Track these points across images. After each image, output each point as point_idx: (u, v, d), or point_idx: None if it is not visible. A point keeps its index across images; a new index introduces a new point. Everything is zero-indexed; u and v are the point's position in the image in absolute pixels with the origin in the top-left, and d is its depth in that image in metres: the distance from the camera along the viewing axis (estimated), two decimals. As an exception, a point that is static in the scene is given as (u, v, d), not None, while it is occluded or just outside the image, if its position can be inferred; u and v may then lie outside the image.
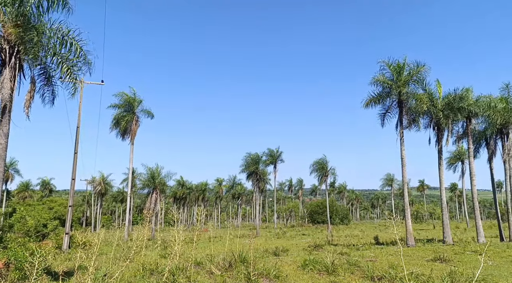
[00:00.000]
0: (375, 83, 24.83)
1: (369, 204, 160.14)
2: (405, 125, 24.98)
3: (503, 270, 11.76)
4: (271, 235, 41.67)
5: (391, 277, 9.70)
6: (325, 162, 59.68)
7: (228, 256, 11.74)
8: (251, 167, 47.79)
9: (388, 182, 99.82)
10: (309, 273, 10.94)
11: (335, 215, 74.62)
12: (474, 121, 27.66)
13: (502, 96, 28.20)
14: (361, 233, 42.71)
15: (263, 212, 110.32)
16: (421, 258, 15.02)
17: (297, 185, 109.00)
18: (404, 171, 24.76)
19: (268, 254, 16.83)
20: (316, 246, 22.18)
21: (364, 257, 15.31)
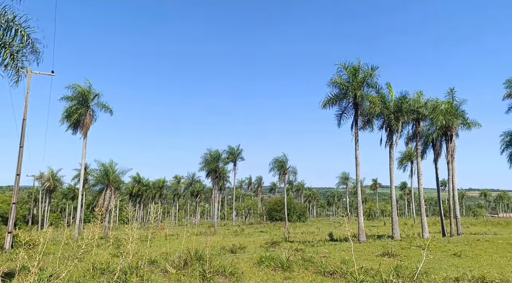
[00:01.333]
0: (333, 85, 25.58)
1: (325, 201, 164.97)
2: (360, 126, 25.99)
3: (443, 263, 12.63)
4: (229, 233, 41.64)
5: (343, 272, 10.05)
6: (285, 160, 60.68)
7: (184, 254, 11.57)
8: (210, 164, 47.34)
9: (343, 180, 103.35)
10: (265, 269, 11.05)
11: (292, 212, 76.04)
12: (423, 123, 29.43)
13: (447, 101, 30.26)
14: (317, 230, 43.89)
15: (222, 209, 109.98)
16: (371, 253, 15.72)
17: (256, 182, 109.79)
18: (358, 170, 25.78)
19: (225, 252, 16.81)
20: (273, 243, 22.48)
21: (318, 253, 15.74)
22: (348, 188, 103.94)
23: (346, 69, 25.20)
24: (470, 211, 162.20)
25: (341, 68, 25.31)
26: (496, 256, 14.72)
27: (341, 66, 25.30)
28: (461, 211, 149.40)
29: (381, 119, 28.00)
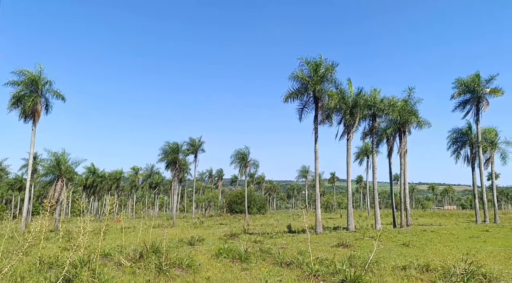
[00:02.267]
0: (294, 79, 25.83)
1: (285, 194, 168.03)
2: (319, 120, 26.56)
3: (392, 253, 13.31)
4: (188, 225, 41.19)
5: (299, 262, 10.27)
6: (247, 153, 60.80)
7: (139, 247, 11.27)
8: (170, 156, 46.35)
9: (303, 173, 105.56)
10: (223, 261, 11.05)
11: (253, 205, 76.59)
12: (379, 119, 30.66)
13: (403, 99, 31.72)
14: (276, 222, 44.57)
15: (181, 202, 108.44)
16: (327, 244, 16.24)
17: (217, 175, 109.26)
18: (316, 164, 26.39)
19: (183, 244, 16.59)
20: (232, 235, 22.53)
21: (276, 244, 16.00)
22: (307, 181, 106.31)
23: (308, 64, 25.52)
24: (419, 204, 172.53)
25: (303, 62, 25.61)
26: (440, 245, 15.75)
27: (303, 60, 25.58)
28: (411, 203, 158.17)
29: (340, 114, 28.79)
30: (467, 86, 37.43)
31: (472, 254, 12.36)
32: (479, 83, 36.89)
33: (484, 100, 37.22)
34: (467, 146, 42.40)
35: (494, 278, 8.18)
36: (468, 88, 37.48)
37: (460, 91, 38.10)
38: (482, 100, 37.24)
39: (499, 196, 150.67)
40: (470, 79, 37.48)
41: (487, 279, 8.06)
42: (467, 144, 42.33)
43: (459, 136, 43.00)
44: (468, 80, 37.52)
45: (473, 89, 37.08)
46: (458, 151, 43.20)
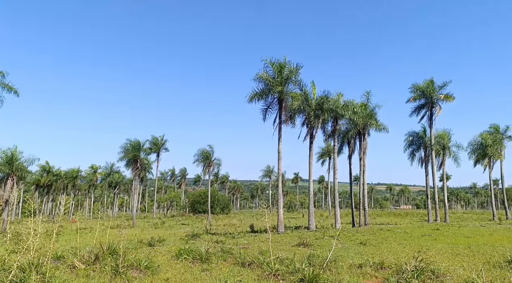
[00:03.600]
0: (259, 80, 26.01)
1: (249, 194, 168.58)
2: (283, 121, 26.92)
3: (350, 251, 13.74)
4: (149, 225, 40.21)
5: (260, 262, 10.32)
6: (211, 152, 60.31)
7: (95, 248, 10.84)
8: (131, 154, 44.95)
9: (267, 173, 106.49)
10: (183, 262, 10.88)
11: (216, 204, 76.08)
12: (340, 122, 31.60)
13: (362, 102, 32.91)
14: (239, 222, 44.60)
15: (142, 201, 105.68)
16: (288, 244, 16.46)
17: (180, 174, 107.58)
18: (279, 164, 26.72)
19: (143, 245, 16.16)
20: (194, 235, 22.25)
21: (238, 244, 15.99)
22: (271, 181, 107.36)
23: (272, 65, 25.79)
24: (377, 204, 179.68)
25: (267, 64, 25.86)
26: (395, 243, 16.48)
27: (267, 62, 25.83)
28: (369, 203, 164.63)
29: (303, 115, 29.35)
30: (423, 91, 39.49)
31: (423, 252, 13.02)
32: (433, 88, 39.06)
33: (437, 105, 39.45)
34: (422, 149, 44.75)
35: (441, 274, 8.68)
36: (423, 94, 39.55)
37: (416, 96, 40.14)
38: (435, 105, 39.46)
39: (450, 196, 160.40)
40: (425, 84, 39.57)
41: (435, 275, 8.54)
42: (422, 147, 44.69)
43: (415, 139, 45.31)
44: (424, 86, 39.59)
45: (428, 95, 39.20)
46: (414, 153, 45.53)
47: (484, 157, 48.93)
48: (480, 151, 48.90)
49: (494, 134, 49.10)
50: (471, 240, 17.88)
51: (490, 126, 50.80)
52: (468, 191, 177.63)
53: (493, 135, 48.77)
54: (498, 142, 48.13)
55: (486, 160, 49.09)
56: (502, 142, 48.85)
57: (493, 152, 47.64)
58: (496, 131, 49.96)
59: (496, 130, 50.08)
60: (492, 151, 47.54)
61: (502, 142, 48.88)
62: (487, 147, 47.57)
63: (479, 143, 49.09)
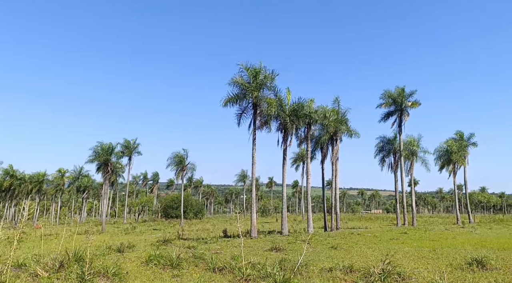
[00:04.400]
0: (234, 84, 26.03)
1: (223, 198, 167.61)
2: (258, 126, 27.04)
3: (322, 255, 13.93)
4: (119, 231, 39.11)
5: (232, 267, 10.27)
6: (185, 156, 59.58)
7: (60, 255, 10.43)
8: (102, 157, 43.63)
9: (242, 178, 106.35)
10: (153, 268, 10.65)
11: (189, 209, 75.11)
12: (313, 127, 32.10)
13: (333, 108, 33.62)
14: (212, 227, 44.19)
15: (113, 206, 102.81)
16: (261, 249, 16.48)
17: (152, 178, 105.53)
18: (253, 169, 26.76)
19: (111, 251, 15.68)
20: (165, 241, 21.85)
21: (210, 250, 15.84)
22: (245, 186, 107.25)
23: (247, 70, 25.90)
24: (349, 208, 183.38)
25: (242, 68, 25.95)
26: (364, 247, 16.85)
27: (242, 67, 25.91)
28: (342, 208, 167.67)
29: (278, 121, 29.62)
30: (393, 98, 40.83)
31: (391, 255, 13.39)
32: (404, 96, 40.48)
33: (406, 112, 40.89)
34: (392, 154, 46.09)
35: (407, 276, 8.97)
36: (394, 101, 40.90)
37: (387, 103, 41.44)
38: (404, 112, 40.88)
39: (418, 201, 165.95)
40: (397, 92, 40.94)
41: (401, 277, 8.80)
42: (392, 153, 46.03)
43: (385, 145, 46.62)
44: (395, 94, 40.95)
45: (398, 102, 40.57)
46: (384, 159, 46.78)
47: (450, 163, 51.06)
48: (446, 157, 51.01)
49: (459, 141, 51.40)
50: (436, 243, 18.56)
51: (455, 133, 53.20)
52: (435, 196, 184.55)
53: (458, 142, 51.04)
54: (462, 148, 50.40)
55: (451, 166, 51.23)
56: (466, 149, 51.20)
57: (457, 158, 49.81)
58: (461, 138, 52.33)
59: (461, 137, 52.44)
60: (457, 158, 49.71)
61: (466, 149, 51.24)
62: (452, 153, 49.70)
63: (445, 149, 51.22)
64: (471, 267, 10.26)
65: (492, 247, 16.20)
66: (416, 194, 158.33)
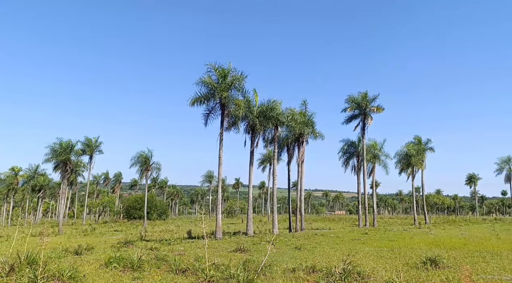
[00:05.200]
0: (201, 84, 25.73)
1: (189, 199, 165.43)
2: (225, 127, 26.93)
3: (285, 256, 14.08)
4: (77, 233, 37.51)
5: (195, 269, 10.13)
6: (149, 155, 58.19)
7: (11, 258, 9.83)
8: (60, 156, 41.55)
9: (208, 178, 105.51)
10: (112, 271, 10.30)
11: (153, 210, 73.52)
12: (280, 129, 32.46)
13: (301, 111, 34.19)
14: (177, 228, 43.49)
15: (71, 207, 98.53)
16: (225, 250, 16.39)
17: (115, 178, 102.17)
18: (220, 169, 26.62)
19: (68, 254, 15.00)
20: (126, 242, 21.20)
21: (174, 251, 15.57)
22: (211, 187, 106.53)
23: (215, 70, 25.71)
24: (314, 209, 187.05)
25: (211, 68, 25.73)
26: (327, 247, 17.23)
27: (211, 66, 25.71)
28: (307, 209, 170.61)
29: (246, 122, 29.66)
30: (357, 103, 42.13)
31: (352, 255, 13.80)
32: (367, 100, 41.89)
33: (369, 116, 42.34)
34: (355, 157, 47.53)
35: (366, 275, 9.26)
36: (358, 105, 42.21)
37: (352, 107, 42.69)
38: (367, 116, 42.30)
39: (379, 202, 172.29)
40: (360, 96, 42.28)
41: (360, 276, 9.08)
42: (355, 155, 47.46)
43: (349, 148, 48.00)
44: (359, 98, 42.28)
45: (362, 106, 41.93)
46: (348, 161, 48.15)
47: (409, 166, 53.43)
48: (405, 161, 53.33)
49: (417, 145, 53.94)
50: (394, 243, 19.32)
51: (414, 137, 55.79)
52: (395, 198, 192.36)
53: (417, 146, 53.55)
54: (420, 152, 52.94)
55: (410, 169, 53.65)
56: (424, 153, 53.84)
57: (416, 162, 52.24)
58: (419, 142, 54.94)
59: (419, 141, 55.07)
60: (416, 161, 52.13)
61: (424, 153, 53.88)
62: (411, 157, 52.05)
63: (405, 153, 53.54)
64: (425, 266, 10.76)
65: (444, 247, 17.11)
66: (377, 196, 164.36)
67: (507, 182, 75.78)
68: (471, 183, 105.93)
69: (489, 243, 18.95)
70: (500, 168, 76.31)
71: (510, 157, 75.65)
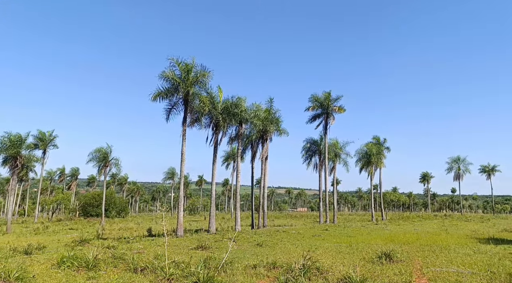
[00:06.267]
0: (164, 78, 25.07)
1: (150, 196, 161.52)
2: (188, 123, 26.47)
3: (247, 253, 14.11)
4: (28, 231, 35.45)
5: (154, 267, 9.89)
6: (108, 151, 56.08)
7: None
8: (10, 150, 38.86)
9: (170, 175, 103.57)
10: (66, 271, 9.81)
11: (112, 207, 71.09)
12: (245, 126, 32.46)
13: (266, 108, 34.41)
14: (137, 226, 42.36)
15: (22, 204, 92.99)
16: (187, 247, 16.15)
17: (71, 174, 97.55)
18: (182, 166, 26.17)
19: (17, 253, 14.14)
20: (82, 241, 20.30)
21: (132, 249, 15.12)
22: (174, 183, 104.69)
23: (179, 65, 25.14)
24: (277, 206, 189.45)
25: (174, 63, 25.14)
26: (288, 244, 17.48)
27: (174, 61, 25.10)
28: (270, 206, 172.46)
29: (209, 118, 29.35)
30: (320, 102, 43.07)
31: (312, 251, 14.09)
32: (330, 100, 42.93)
33: (331, 115, 43.45)
34: (317, 155, 48.62)
35: (325, 270, 9.49)
36: (321, 105, 43.15)
37: (315, 106, 43.58)
38: (330, 116, 43.38)
39: (339, 199, 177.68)
40: (323, 96, 43.25)
41: (319, 271, 9.29)
42: (317, 153, 48.55)
43: (312, 146, 49.02)
44: (322, 97, 43.23)
45: (325, 106, 42.91)
46: (310, 159, 49.16)
47: (369, 165, 55.49)
48: (365, 159, 55.34)
49: (377, 145, 56.14)
50: (353, 239, 19.99)
51: (373, 137, 58.02)
52: (354, 195, 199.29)
53: (376, 146, 55.73)
54: (380, 152, 55.16)
55: (370, 168, 55.74)
56: (383, 152, 56.16)
57: (376, 161, 54.38)
58: (378, 142, 57.22)
59: (378, 141, 57.35)
60: (375, 160, 54.26)
61: (383, 152, 56.20)
62: (371, 156, 54.09)
63: (365, 152, 55.53)
64: (381, 260, 11.22)
65: (399, 242, 17.95)
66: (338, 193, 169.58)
67: (456, 180, 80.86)
68: (425, 181, 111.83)
69: (439, 237, 20.13)
70: (450, 167, 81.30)
71: (459, 157, 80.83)
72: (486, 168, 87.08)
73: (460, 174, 79.91)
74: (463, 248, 14.84)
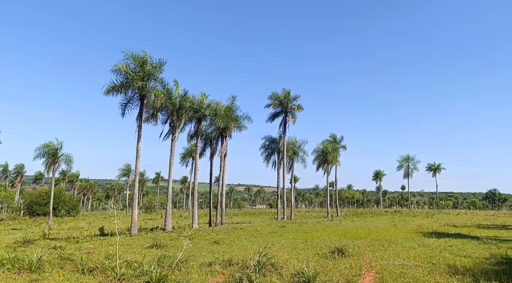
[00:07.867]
0: (118, 72, 23.98)
1: (104, 194, 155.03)
2: (144, 118, 25.62)
3: (203, 251, 13.97)
4: (-37, 233, 32.63)
5: (104, 267, 9.50)
6: (58, 147, 52.94)
7: None
8: None
9: (126, 172, 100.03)
10: (5, 273, 9.16)
11: (61, 206, 67.40)
12: (204, 122, 32.09)
13: (227, 105, 34.26)
14: (88, 225, 40.48)
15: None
16: (141, 246, 15.67)
17: (15, 171, 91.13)
18: (137, 163, 25.32)
19: None
20: (26, 241, 18.99)
21: (82, 249, 14.44)
22: (129, 181, 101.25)
23: (133, 59, 24.23)
24: (236, 204, 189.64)
25: (128, 56, 24.18)
26: (245, 241, 17.55)
27: (128, 54, 24.13)
28: (228, 203, 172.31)
29: (166, 114, 28.65)
30: (280, 100, 43.61)
31: (269, 247, 14.24)
32: (289, 99, 43.60)
33: (290, 114, 44.16)
34: (276, 153, 49.23)
35: (279, 266, 9.61)
36: (280, 103, 43.70)
37: (274, 104, 44.06)
38: (289, 114, 44.08)
39: (297, 196, 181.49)
40: (283, 94, 43.82)
41: (274, 267, 9.40)
42: (276, 151, 49.16)
43: (271, 144, 49.54)
44: (282, 96, 43.79)
45: (284, 104, 43.51)
46: (269, 157, 49.67)
47: (325, 163, 57.11)
48: (322, 157, 56.90)
49: (333, 143, 57.91)
50: (308, 235, 20.48)
51: (330, 135, 59.83)
52: (312, 192, 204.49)
53: (332, 144, 57.47)
54: (335, 150, 56.94)
55: (326, 165, 57.40)
56: (339, 151, 58.04)
57: (332, 159, 56.08)
58: (334, 140, 59.06)
59: (334, 139, 59.20)
60: (331, 158, 55.94)
61: (339, 150, 58.08)
62: (328, 154, 55.71)
63: (321, 150, 57.09)
64: (334, 255, 11.58)
65: (351, 237, 18.66)
66: (296, 191, 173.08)
67: (405, 177, 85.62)
68: (377, 178, 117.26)
69: (388, 232, 21.20)
70: (401, 165, 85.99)
71: (409, 156, 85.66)
72: (432, 167, 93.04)
73: (409, 172, 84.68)
74: (409, 242, 15.73)
